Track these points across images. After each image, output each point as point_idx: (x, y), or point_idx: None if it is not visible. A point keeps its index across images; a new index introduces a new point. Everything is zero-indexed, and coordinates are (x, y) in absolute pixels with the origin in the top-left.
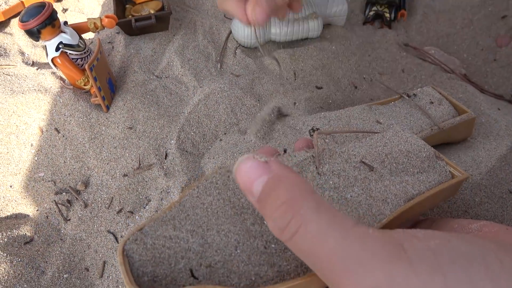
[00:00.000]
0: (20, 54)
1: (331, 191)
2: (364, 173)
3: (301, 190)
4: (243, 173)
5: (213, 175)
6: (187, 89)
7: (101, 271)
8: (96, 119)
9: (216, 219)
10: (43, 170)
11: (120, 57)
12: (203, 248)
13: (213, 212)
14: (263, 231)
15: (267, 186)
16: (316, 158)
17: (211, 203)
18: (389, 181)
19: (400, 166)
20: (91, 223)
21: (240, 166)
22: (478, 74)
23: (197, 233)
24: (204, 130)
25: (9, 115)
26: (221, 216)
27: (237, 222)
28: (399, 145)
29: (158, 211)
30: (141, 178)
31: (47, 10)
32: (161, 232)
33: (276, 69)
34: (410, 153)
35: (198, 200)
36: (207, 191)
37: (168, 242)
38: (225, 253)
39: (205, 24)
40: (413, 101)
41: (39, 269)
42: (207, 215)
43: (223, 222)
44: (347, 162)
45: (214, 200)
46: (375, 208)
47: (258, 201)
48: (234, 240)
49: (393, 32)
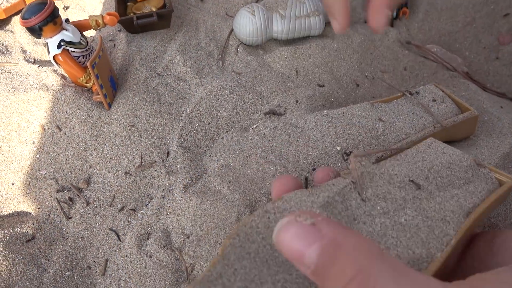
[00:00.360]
0: (21, 52)
1: (381, 217)
2: (411, 193)
3: (368, 257)
4: (288, 243)
5: (252, 219)
6: (189, 87)
7: (103, 269)
8: (98, 117)
9: (267, 269)
10: (45, 168)
11: (122, 54)
12: None
13: (262, 261)
14: None
15: (324, 258)
16: (358, 183)
17: (257, 251)
18: (440, 198)
19: (445, 179)
20: (93, 221)
21: (282, 235)
22: (480, 72)
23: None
24: (206, 128)
25: (10, 112)
26: (272, 265)
27: (291, 269)
28: (438, 158)
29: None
30: (143, 176)
31: (49, 8)
32: None
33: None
34: (452, 165)
35: (242, 250)
36: (249, 238)
37: None
38: None
39: (207, 22)
40: (415, 99)
41: (41, 267)
42: (257, 266)
43: (276, 272)
44: (390, 183)
45: (260, 247)
46: (437, 230)
47: (315, 274)
48: None
49: (395, 30)
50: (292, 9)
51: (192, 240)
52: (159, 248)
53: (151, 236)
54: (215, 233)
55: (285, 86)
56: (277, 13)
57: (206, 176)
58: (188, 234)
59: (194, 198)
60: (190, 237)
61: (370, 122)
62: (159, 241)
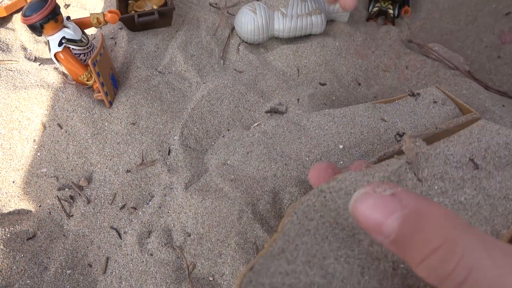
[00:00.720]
0: (22, 50)
1: (440, 197)
2: (469, 173)
3: (455, 227)
4: (366, 213)
5: (307, 198)
6: (190, 85)
7: (104, 267)
8: (99, 115)
9: (328, 245)
10: (45, 165)
11: (123, 52)
12: (326, 280)
13: (323, 238)
14: (385, 251)
15: (406, 227)
16: (414, 164)
17: (316, 228)
18: (500, 177)
19: (504, 160)
20: (94, 219)
21: (360, 205)
22: (482, 71)
23: (315, 264)
24: (207, 126)
25: (11, 110)
26: (333, 241)
27: (353, 245)
28: (493, 138)
29: None
30: (144, 174)
31: (50, 5)
32: (275, 269)
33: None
34: (509, 145)
35: (301, 227)
36: (307, 216)
37: (287, 279)
38: (353, 282)
39: (208, 20)
40: (416, 101)
41: (42, 265)
42: (317, 242)
43: (338, 248)
44: (446, 163)
45: (319, 224)
46: (501, 208)
47: (395, 243)
48: (357, 266)
49: (396, 29)
50: (293, 7)
51: (193, 238)
52: (160, 246)
53: (152, 234)
54: (217, 231)
55: (287, 85)
56: (279, 11)
57: (207, 174)
58: (189, 232)
59: (196, 196)
60: (191, 235)
61: (372, 122)
62: (160, 239)
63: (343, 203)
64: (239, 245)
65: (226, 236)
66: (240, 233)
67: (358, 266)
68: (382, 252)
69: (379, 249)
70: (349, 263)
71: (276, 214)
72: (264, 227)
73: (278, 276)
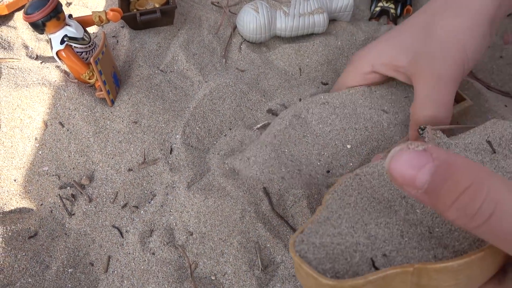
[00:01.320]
0: (24, 48)
1: None
2: (488, 156)
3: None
4: (401, 166)
5: (344, 180)
6: (192, 84)
7: (105, 266)
8: (101, 113)
9: (368, 214)
10: (47, 164)
11: (125, 51)
12: (370, 240)
13: (363, 209)
14: (421, 218)
15: (438, 175)
16: None
17: (356, 202)
18: None
19: None
20: (95, 218)
21: (396, 160)
22: (484, 71)
23: (358, 229)
24: (209, 125)
25: (13, 108)
26: (372, 212)
27: (391, 214)
28: (506, 130)
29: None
30: (146, 172)
31: (52, 3)
32: (323, 232)
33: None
34: None
35: (342, 202)
36: (346, 193)
37: (334, 239)
38: (394, 242)
39: (210, 19)
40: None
41: (43, 263)
42: (358, 213)
43: (377, 216)
44: (466, 150)
45: (358, 199)
46: None
47: (427, 193)
48: (396, 229)
49: None
50: (296, 6)
51: (196, 237)
52: (162, 245)
53: (154, 233)
54: (219, 230)
55: (289, 84)
56: (281, 10)
57: (209, 173)
58: (192, 231)
59: (198, 195)
60: (193, 234)
61: (375, 114)
62: (162, 238)
63: (377, 182)
64: (241, 244)
65: (228, 235)
66: (242, 232)
67: (398, 230)
68: (418, 219)
69: (415, 217)
70: (389, 228)
71: (278, 214)
72: (267, 227)
73: (327, 237)
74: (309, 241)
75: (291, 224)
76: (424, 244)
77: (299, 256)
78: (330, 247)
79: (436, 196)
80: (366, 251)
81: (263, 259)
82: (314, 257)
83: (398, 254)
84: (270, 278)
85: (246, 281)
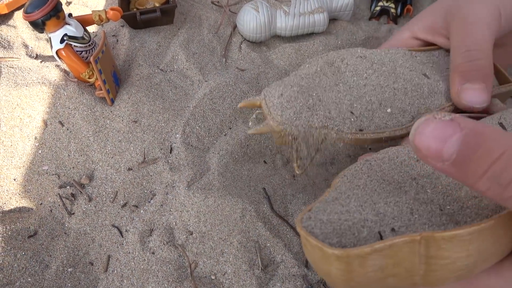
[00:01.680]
0: (23, 47)
1: None
2: None
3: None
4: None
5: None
6: (192, 83)
7: (105, 265)
8: (101, 113)
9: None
10: (47, 163)
11: (125, 50)
12: (378, 217)
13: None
14: (431, 198)
15: (467, 144)
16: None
17: (365, 184)
18: None
19: None
20: (95, 217)
21: (421, 130)
22: None
23: (367, 207)
24: (210, 124)
25: (13, 107)
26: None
27: (401, 195)
28: None
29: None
30: (146, 172)
31: (52, 2)
32: (331, 210)
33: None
34: None
35: (351, 184)
36: (356, 176)
37: (342, 216)
38: (403, 219)
39: (210, 18)
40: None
41: (43, 262)
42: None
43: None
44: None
45: (367, 181)
46: None
47: (455, 164)
48: (406, 207)
49: (399, 27)
50: (296, 5)
51: (196, 236)
52: (162, 244)
53: (154, 232)
54: (219, 230)
55: None
56: (281, 9)
57: (209, 172)
58: (192, 231)
59: (198, 195)
60: (193, 233)
61: (416, 77)
62: (162, 238)
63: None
64: (241, 243)
65: (228, 235)
66: (242, 232)
67: (407, 208)
68: (428, 198)
69: (425, 196)
70: (398, 206)
71: (278, 214)
72: (267, 226)
73: (334, 215)
74: (316, 218)
75: (291, 224)
76: (435, 220)
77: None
78: (338, 223)
79: (465, 167)
80: (374, 227)
81: (263, 258)
82: (321, 231)
83: (407, 229)
84: (270, 277)
85: (246, 280)
